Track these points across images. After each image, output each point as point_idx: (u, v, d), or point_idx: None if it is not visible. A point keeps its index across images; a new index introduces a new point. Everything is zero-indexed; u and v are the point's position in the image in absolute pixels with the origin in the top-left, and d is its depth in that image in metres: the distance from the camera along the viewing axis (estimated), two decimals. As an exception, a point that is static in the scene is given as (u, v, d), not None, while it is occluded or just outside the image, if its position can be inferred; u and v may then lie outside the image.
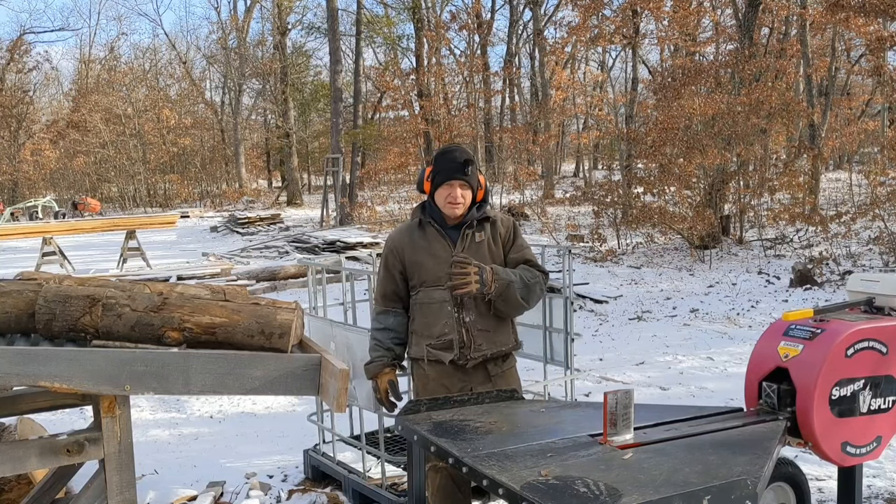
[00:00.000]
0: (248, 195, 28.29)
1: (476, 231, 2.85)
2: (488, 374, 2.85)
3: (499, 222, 2.91)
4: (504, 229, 2.91)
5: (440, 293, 2.80)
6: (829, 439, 2.59)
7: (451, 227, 2.87)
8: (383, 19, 26.78)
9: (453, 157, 2.82)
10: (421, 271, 2.85)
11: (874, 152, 16.96)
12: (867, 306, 2.97)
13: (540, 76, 23.32)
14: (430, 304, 2.83)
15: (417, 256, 2.85)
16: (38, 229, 12.41)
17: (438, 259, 2.82)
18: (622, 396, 2.25)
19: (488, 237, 2.86)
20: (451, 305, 2.79)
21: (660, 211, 12.04)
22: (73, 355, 2.19)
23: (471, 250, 2.81)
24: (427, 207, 2.92)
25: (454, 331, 2.80)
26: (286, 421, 5.04)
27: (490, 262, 2.81)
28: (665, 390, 5.50)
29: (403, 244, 2.90)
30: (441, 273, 2.79)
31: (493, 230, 2.89)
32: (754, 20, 14.57)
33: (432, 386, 2.86)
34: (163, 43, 38.40)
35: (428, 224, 2.88)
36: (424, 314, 2.85)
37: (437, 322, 2.82)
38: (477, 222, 2.87)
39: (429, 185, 2.87)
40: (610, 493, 1.81)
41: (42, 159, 29.70)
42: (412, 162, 22.78)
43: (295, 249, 14.05)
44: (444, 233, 2.85)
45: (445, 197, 2.82)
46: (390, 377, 2.88)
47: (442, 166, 2.83)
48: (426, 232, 2.87)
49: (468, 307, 2.80)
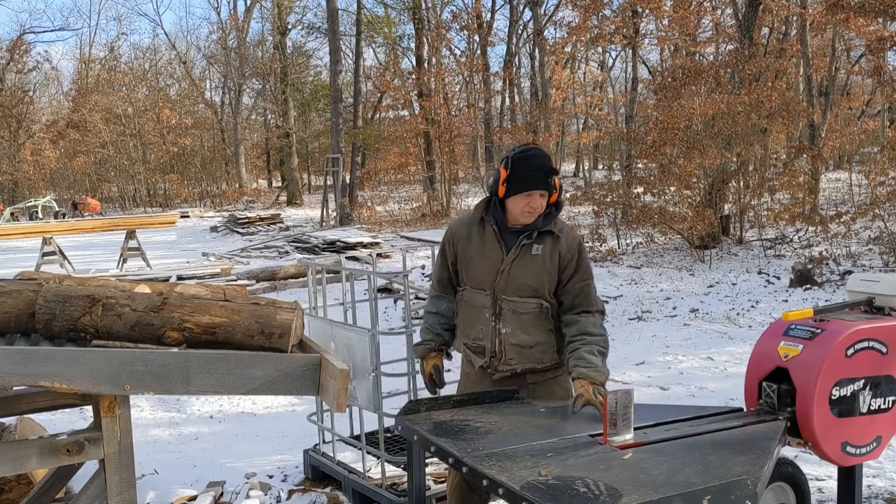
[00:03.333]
0: (248, 195, 28.30)
1: (535, 243, 2.71)
2: (526, 382, 2.76)
3: (563, 240, 2.73)
4: (567, 249, 2.72)
5: (482, 298, 2.76)
6: (829, 439, 2.59)
7: (511, 233, 2.74)
8: (383, 19, 26.78)
9: (536, 165, 2.66)
10: (469, 269, 2.80)
11: (874, 152, 16.95)
12: (867, 306, 2.97)
13: (540, 76, 23.30)
14: (471, 306, 2.80)
15: (470, 253, 2.79)
16: (38, 229, 12.39)
17: (488, 262, 2.74)
18: (622, 396, 2.25)
19: (546, 252, 2.70)
20: (490, 313, 2.74)
21: (660, 211, 12.04)
22: (73, 355, 2.18)
23: (522, 261, 2.70)
24: (492, 206, 2.78)
25: (488, 339, 2.76)
26: (286, 421, 5.04)
27: (540, 278, 2.69)
28: (665, 390, 5.49)
29: (461, 237, 2.83)
30: (487, 277, 2.73)
31: (554, 246, 2.71)
32: (754, 20, 14.56)
33: (470, 383, 2.87)
34: (163, 43, 38.33)
35: (489, 224, 2.77)
36: (465, 314, 2.83)
37: (475, 326, 2.79)
38: (538, 233, 2.72)
39: (503, 190, 2.69)
40: (610, 493, 1.81)
41: (42, 159, 29.66)
42: (412, 162, 22.78)
43: (295, 249, 14.04)
44: (500, 236, 2.74)
45: (523, 206, 2.67)
46: (436, 362, 2.87)
47: (523, 174, 2.65)
48: (485, 231, 2.77)
49: (506, 319, 2.72)
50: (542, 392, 2.76)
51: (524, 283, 2.70)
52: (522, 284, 2.70)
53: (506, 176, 2.67)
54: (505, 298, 2.72)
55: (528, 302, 2.71)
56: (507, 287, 2.71)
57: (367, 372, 3.32)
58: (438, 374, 2.85)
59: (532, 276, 2.69)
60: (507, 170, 2.67)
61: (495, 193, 2.74)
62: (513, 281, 2.71)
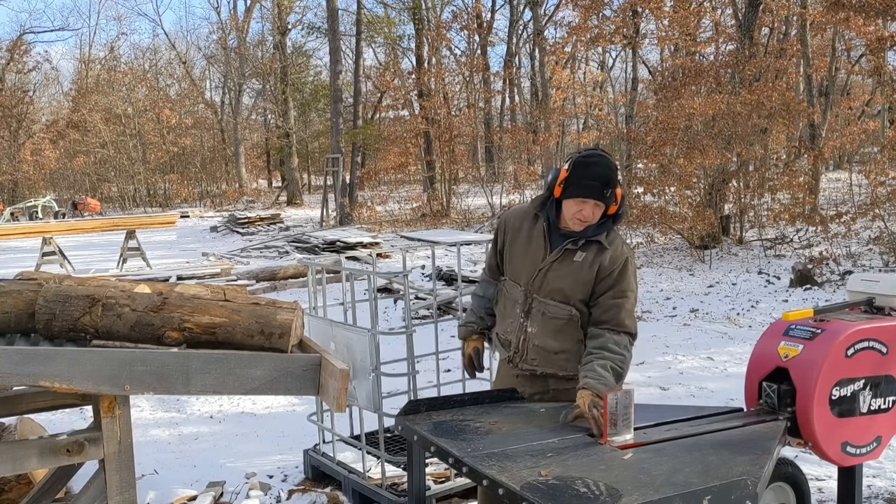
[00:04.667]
0: (248, 195, 28.29)
1: (580, 250, 2.64)
2: (548, 386, 2.74)
3: (609, 252, 2.64)
4: (609, 263, 2.64)
5: (516, 292, 2.75)
6: (829, 439, 2.59)
7: (560, 233, 2.69)
8: (383, 19, 26.79)
9: (596, 174, 2.57)
10: (511, 261, 2.79)
11: (874, 152, 16.94)
12: (867, 306, 2.97)
13: (540, 76, 23.29)
14: (507, 298, 2.80)
15: (516, 245, 2.78)
16: (38, 229, 12.40)
17: (530, 258, 2.72)
18: (622, 396, 2.25)
19: (588, 261, 2.63)
20: (521, 310, 2.73)
21: (660, 211, 12.03)
22: (73, 355, 2.18)
23: (562, 265, 2.65)
24: (548, 204, 2.74)
25: (514, 334, 2.76)
26: (286, 421, 5.04)
27: (575, 286, 2.64)
28: (665, 390, 5.49)
29: (512, 227, 2.81)
30: (525, 273, 2.72)
31: (598, 256, 2.64)
32: (754, 20, 14.56)
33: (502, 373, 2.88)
34: (163, 43, 38.41)
35: (541, 220, 2.73)
36: (502, 304, 2.85)
37: (507, 318, 2.80)
38: (585, 241, 2.65)
39: (559, 190, 2.64)
40: (610, 493, 1.81)
41: (42, 159, 29.69)
42: (412, 162, 22.77)
43: (295, 249, 14.04)
44: (548, 235, 2.70)
45: (574, 212, 2.61)
46: (476, 345, 2.86)
47: (579, 180, 2.58)
48: (536, 225, 2.73)
49: (534, 319, 2.70)
50: (563, 399, 2.68)
51: (557, 288, 2.66)
52: (556, 288, 2.66)
53: (564, 177, 2.62)
54: (537, 298, 2.70)
55: (558, 307, 2.67)
56: (542, 288, 2.68)
57: (367, 372, 3.32)
58: (478, 357, 2.84)
59: (567, 281, 2.64)
60: (568, 171, 2.61)
61: (552, 192, 2.70)
62: (548, 283, 2.67)
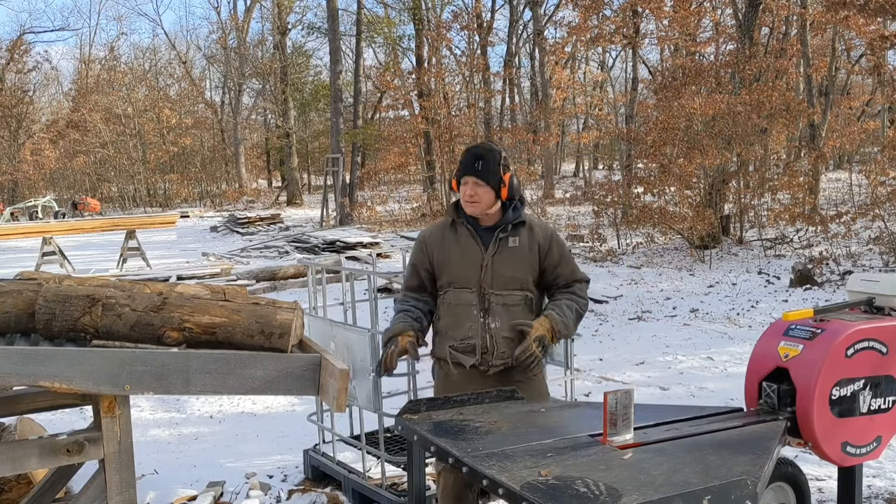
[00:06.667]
0: (248, 195, 28.31)
1: (510, 236, 2.78)
2: (513, 380, 2.77)
3: (536, 229, 2.83)
4: (542, 237, 2.82)
5: (468, 295, 2.77)
6: (829, 439, 2.59)
7: (485, 229, 2.80)
8: (383, 19, 26.78)
9: (470, 153, 2.77)
10: (451, 271, 2.81)
11: (874, 152, 16.96)
12: (867, 306, 2.97)
13: (540, 76, 23.32)
14: (458, 304, 2.80)
15: (447, 256, 2.81)
16: (38, 229, 12.40)
17: (469, 260, 2.77)
18: (622, 396, 2.25)
19: (525, 243, 2.79)
20: (479, 310, 2.76)
21: (660, 211, 12.05)
22: (73, 355, 2.18)
23: (502, 255, 2.76)
24: (460, 207, 2.85)
25: (478, 335, 2.76)
26: (286, 421, 5.04)
27: (523, 269, 2.77)
28: (665, 390, 5.49)
29: (434, 242, 2.86)
30: (471, 275, 2.75)
31: (531, 236, 2.80)
32: (754, 20, 14.57)
33: (453, 388, 2.80)
34: (163, 43, 38.47)
35: (461, 224, 2.82)
36: (451, 315, 2.82)
37: (463, 324, 2.79)
38: (512, 226, 2.79)
39: (455, 183, 2.81)
40: (610, 493, 1.80)
41: (42, 159, 29.71)
42: (412, 162, 22.79)
43: (295, 249, 14.05)
44: (476, 234, 2.79)
45: (464, 195, 2.76)
46: (411, 339, 2.78)
47: (460, 163, 2.79)
48: (458, 232, 2.82)
49: (495, 314, 2.75)
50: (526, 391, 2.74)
51: (509, 276, 2.76)
52: (508, 277, 2.76)
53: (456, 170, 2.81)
54: (493, 293, 2.76)
55: (514, 294, 2.77)
56: (494, 281, 2.75)
57: (367, 372, 3.32)
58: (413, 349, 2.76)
59: (515, 268, 2.76)
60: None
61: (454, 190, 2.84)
62: (498, 275, 2.75)
